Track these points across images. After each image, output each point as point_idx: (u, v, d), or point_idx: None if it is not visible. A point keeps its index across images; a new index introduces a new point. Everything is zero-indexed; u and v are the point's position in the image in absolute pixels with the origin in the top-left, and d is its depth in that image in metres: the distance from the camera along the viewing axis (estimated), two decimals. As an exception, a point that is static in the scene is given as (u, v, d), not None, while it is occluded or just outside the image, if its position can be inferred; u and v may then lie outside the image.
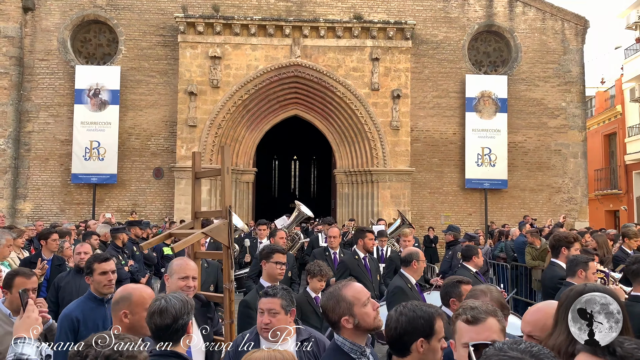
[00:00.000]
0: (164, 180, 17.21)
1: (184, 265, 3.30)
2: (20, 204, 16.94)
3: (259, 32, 16.83)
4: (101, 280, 3.56)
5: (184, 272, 3.25)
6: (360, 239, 6.24)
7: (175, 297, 2.38)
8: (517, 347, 1.53)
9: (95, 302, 3.51)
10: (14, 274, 3.47)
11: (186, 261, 3.39)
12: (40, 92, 17.17)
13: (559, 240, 5.13)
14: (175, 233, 4.04)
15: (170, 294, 2.47)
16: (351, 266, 6.05)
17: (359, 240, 6.26)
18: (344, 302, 2.45)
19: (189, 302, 2.41)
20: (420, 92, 17.79)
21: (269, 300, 2.83)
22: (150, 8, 17.46)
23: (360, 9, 17.57)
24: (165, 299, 2.37)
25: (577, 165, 18.09)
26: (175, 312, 2.33)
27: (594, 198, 23.07)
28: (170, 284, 3.27)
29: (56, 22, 17.30)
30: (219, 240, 3.71)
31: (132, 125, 17.28)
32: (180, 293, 2.51)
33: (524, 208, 17.84)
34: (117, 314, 2.68)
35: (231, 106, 16.76)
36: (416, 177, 17.51)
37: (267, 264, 4.30)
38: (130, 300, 2.68)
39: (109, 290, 3.57)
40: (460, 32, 18.03)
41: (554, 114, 18.13)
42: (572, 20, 18.31)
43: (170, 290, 3.14)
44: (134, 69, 17.32)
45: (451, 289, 3.54)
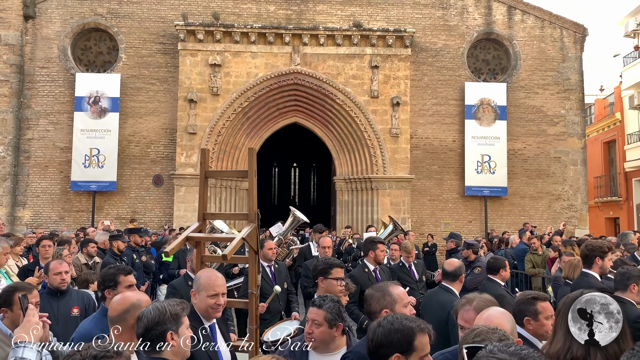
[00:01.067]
0: (163, 187, 17.20)
1: (212, 282, 3.05)
2: (20, 211, 16.91)
3: (259, 40, 16.89)
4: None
5: (213, 289, 3.02)
6: (371, 251, 5.64)
7: (155, 307, 2.32)
8: (507, 349, 1.54)
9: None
10: (12, 290, 3.19)
11: (214, 276, 3.12)
12: (40, 100, 17.20)
13: (592, 249, 4.75)
14: (194, 237, 3.82)
15: (159, 302, 2.42)
16: (362, 281, 5.33)
17: (369, 252, 5.65)
18: (389, 297, 2.75)
19: (169, 311, 2.32)
20: (420, 99, 17.83)
21: (314, 311, 2.77)
22: (150, 16, 17.53)
23: (359, 17, 17.65)
24: (147, 307, 2.36)
25: (576, 173, 18.09)
26: (147, 321, 2.29)
27: (593, 205, 23.06)
28: (199, 301, 3.05)
29: (57, 30, 17.36)
30: (251, 245, 3.59)
31: (132, 133, 17.29)
32: (167, 302, 2.41)
33: (524, 215, 17.82)
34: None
35: (231, 113, 16.79)
36: (416, 185, 17.50)
37: (324, 281, 3.86)
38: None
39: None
40: (459, 40, 18.10)
41: (554, 121, 18.16)
42: (571, 28, 18.39)
43: (199, 308, 3.02)
44: (134, 76, 17.37)
45: (525, 307, 3.12)
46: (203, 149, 4.14)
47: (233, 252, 3.44)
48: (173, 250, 3.64)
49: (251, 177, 3.69)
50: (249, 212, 3.69)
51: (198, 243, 3.91)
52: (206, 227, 3.96)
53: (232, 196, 17.39)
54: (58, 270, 4.39)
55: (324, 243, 6.65)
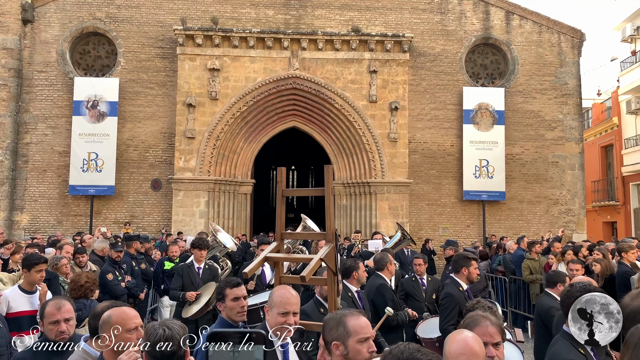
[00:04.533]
0: (161, 192, 17.19)
1: (285, 300, 2.95)
2: (18, 215, 16.88)
3: (257, 45, 16.91)
4: (234, 307, 3.33)
5: (284, 307, 2.93)
6: (464, 268, 4.96)
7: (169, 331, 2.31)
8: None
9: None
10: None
11: (288, 293, 3.01)
12: (38, 104, 17.19)
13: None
14: (272, 257, 3.69)
15: (161, 322, 2.38)
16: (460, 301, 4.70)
17: (462, 270, 4.97)
18: (342, 328, 2.34)
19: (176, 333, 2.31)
20: (418, 104, 17.87)
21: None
22: (149, 20, 17.54)
23: (358, 21, 17.69)
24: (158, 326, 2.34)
25: (574, 177, 18.14)
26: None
27: (591, 209, 23.12)
28: (270, 317, 2.98)
29: (55, 34, 17.36)
30: (329, 266, 3.45)
31: (131, 137, 17.29)
32: (170, 322, 2.38)
33: (521, 220, 17.87)
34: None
35: (229, 118, 16.80)
36: (414, 189, 17.53)
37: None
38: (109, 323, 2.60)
39: (241, 318, 3.37)
40: (457, 45, 18.15)
41: (551, 126, 18.22)
42: (569, 33, 18.46)
43: (270, 324, 2.94)
44: (133, 80, 17.37)
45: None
46: (280, 167, 3.90)
47: (312, 273, 3.33)
48: (252, 271, 3.54)
49: (328, 195, 3.53)
50: (327, 232, 3.54)
51: (276, 263, 3.81)
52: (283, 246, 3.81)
53: (230, 200, 17.38)
54: (55, 318, 3.16)
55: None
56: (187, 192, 16.47)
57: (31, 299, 4.66)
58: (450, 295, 4.77)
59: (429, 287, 6.47)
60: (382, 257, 5.95)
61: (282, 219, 3.84)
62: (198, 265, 6.25)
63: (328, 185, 3.53)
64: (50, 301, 3.29)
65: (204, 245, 6.35)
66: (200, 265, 6.27)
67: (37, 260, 4.75)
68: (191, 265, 6.23)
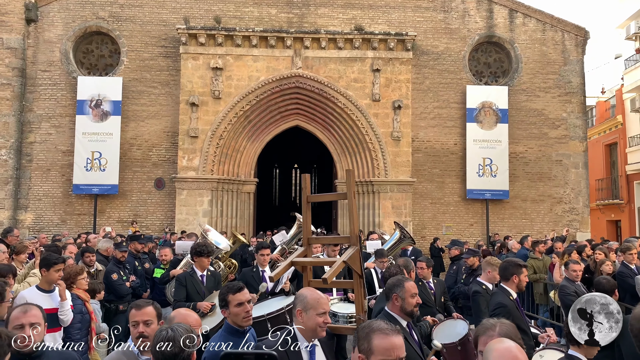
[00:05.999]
0: (165, 190, 17.22)
1: (320, 300, 3.03)
2: (22, 214, 16.94)
3: (260, 44, 16.91)
4: (239, 313, 3.33)
5: (322, 307, 3.00)
6: (514, 275, 4.67)
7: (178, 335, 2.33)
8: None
9: (236, 335, 3.29)
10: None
11: (318, 295, 3.09)
12: (42, 103, 17.23)
13: None
14: (299, 262, 3.68)
15: (169, 325, 2.40)
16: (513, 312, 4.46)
17: (512, 277, 4.65)
18: (367, 344, 2.29)
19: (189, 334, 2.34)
20: (421, 102, 17.84)
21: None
22: (152, 19, 17.56)
23: (361, 20, 17.66)
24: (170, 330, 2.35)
25: (578, 176, 18.09)
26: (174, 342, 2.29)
27: (595, 208, 23.04)
28: (306, 319, 3.00)
29: (59, 33, 17.39)
30: (354, 268, 3.45)
31: (134, 136, 17.32)
32: (176, 325, 2.40)
33: (525, 219, 17.83)
34: None
35: (232, 117, 16.80)
36: (417, 188, 17.51)
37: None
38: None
39: (247, 323, 3.38)
40: (460, 43, 18.11)
41: (555, 124, 18.16)
42: (572, 31, 18.39)
43: (306, 327, 2.99)
44: (136, 79, 17.39)
45: None
46: (304, 174, 3.98)
47: (334, 275, 3.34)
48: (278, 275, 3.50)
49: (350, 199, 3.54)
50: (351, 235, 3.55)
51: (304, 268, 3.82)
52: (311, 251, 3.83)
53: (233, 199, 17.40)
54: (19, 322, 2.89)
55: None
56: (190, 191, 16.50)
57: (50, 297, 4.76)
58: (503, 306, 4.44)
59: (437, 290, 6.30)
60: (406, 263, 5.57)
61: (309, 224, 3.83)
62: (201, 273, 5.70)
63: (350, 189, 3.55)
64: (17, 305, 3.08)
65: (207, 251, 5.79)
66: (203, 272, 5.72)
67: (55, 260, 4.85)
68: (193, 273, 5.65)
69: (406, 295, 3.61)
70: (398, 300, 3.61)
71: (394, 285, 3.69)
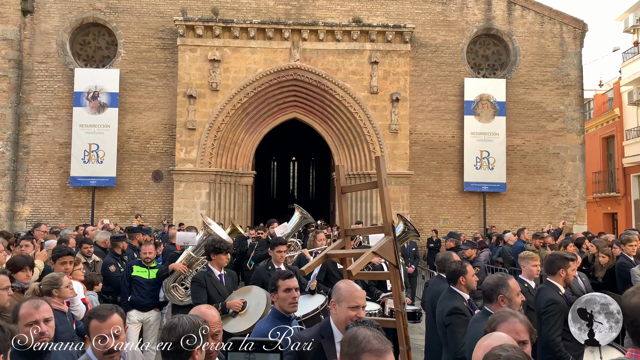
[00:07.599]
0: (163, 183, 17.21)
1: (354, 293, 2.96)
2: (19, 206, 16.93)
3: (258, 36, 16.84)
4: (286, 298, 3.35)
5: (355, 300, 2.93)
6: (561, 269, 4.39)
7: (190, 321, 2.29)
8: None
9: (282, 320, 3.32)
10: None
11: (354, 287, 3.02)
12: (39, 95, 17.17)
13: None
14: (334, 254, 3.64)
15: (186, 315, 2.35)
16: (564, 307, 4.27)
17: (559, 271, 4.38)
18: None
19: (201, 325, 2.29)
20: (419, 95, 17.83)
21: None
22: (149, 11, 17.46)
23: (359, 12, 17.60)
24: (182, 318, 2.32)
25: (575, 169, 18.14)
26: (182, 331, 2.22)
27: (592, 201, 23.12)
28: (339, 312, 2.94)
29: (55, 24, 17.29)
30: (388, 259, 3.41)
31: (131, 128, 17.28)
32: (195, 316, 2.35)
33: (522, 211, 17.89)
34: None
35: (230, 109, 16.77)
36: (415, 180, 17.54)
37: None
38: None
39: (293, 309, 3.39)
40: (459, 36, 18.07)
41: (553, 117, 18.18)
42: (571, 24, 18.36)
43: (338, 319, 2.93)
44: (133, 71, 17.33)
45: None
46: (338, 165, 3.94)
47: (360, 267, 3.29)
48: (310, 269, 3.43)
49: (381, 187, 3.46)
50: (384, 225, 3.47)
51: (343, 260, 3.79)
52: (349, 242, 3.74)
53: (231, 191, 17.41)
54: (33, 318, 2.75)
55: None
56: (188, 184, 16.50)
57: None
58: (555, 302, 4.22)
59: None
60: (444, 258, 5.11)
61: (346, 215, 3.78)
62: (219, 272, 5.19)
63: (381, 177, 3.48)
64: (25, 302, 2.89)
65: (226, 247, 5.30)
66: (221, 271, 5.22)
67: (59, 252, 4.85)
68: (211, 273, 5.13)
69: (512, 294, 3.27)
70: (505, 301, 3.24)
71: (497, 285, 3.29)
